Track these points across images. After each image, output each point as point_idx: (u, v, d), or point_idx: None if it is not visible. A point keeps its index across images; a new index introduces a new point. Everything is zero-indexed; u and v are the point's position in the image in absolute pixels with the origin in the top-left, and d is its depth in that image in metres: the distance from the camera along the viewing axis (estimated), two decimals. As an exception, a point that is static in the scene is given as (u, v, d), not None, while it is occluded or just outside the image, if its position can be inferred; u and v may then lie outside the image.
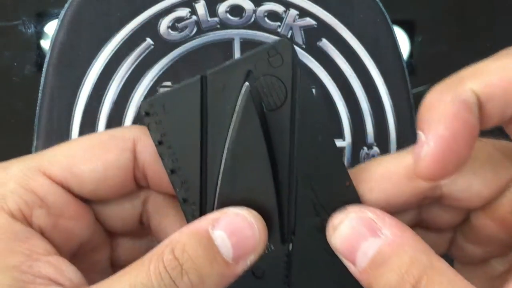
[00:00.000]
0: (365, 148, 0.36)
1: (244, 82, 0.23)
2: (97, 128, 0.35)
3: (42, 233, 0.23)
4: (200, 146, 0.23)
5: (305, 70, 0.36)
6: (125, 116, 0.35)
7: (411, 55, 0.41)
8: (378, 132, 0.36)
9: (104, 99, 0.35)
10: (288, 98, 0.23)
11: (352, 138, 0.36)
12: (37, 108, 0.34)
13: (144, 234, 0.27)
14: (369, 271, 0.20)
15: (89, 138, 0.25)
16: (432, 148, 0.20)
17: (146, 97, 0.35)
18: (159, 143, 0.23)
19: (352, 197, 0.23)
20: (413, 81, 0.37)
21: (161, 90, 0.35)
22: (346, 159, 0.36)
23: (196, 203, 0.23)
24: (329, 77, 0.36)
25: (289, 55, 0.23)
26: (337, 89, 0.36)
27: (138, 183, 0.25)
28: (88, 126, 0.34)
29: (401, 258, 0.20)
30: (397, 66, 0.37)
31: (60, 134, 0.34)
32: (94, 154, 0.24)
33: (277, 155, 0.23)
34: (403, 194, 0.23)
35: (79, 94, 0.35)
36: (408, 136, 0.36)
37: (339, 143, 0.36)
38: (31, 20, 0.38)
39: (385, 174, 0.23)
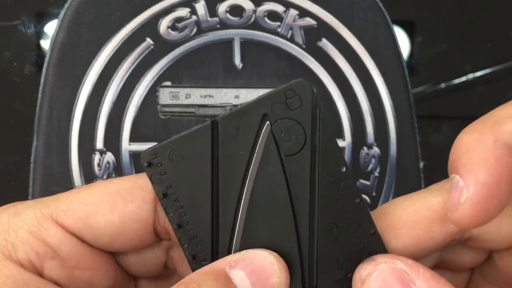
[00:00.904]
0: (365, 148, 0.36)
1: (260, 126, 0.21)
2: (97, 128, 0.35)
3: (57, 284, 0.22)
4: (211, 196, 0.21)
5: (305, 70, 0.36)
6: (125, 117, 0.35)
7: (411, 55, 0.41)
8: (378, 132, 0.36)
9: (104, 99, 0.35)
10: (307, 142, 0.21)
11: (352, 138, 0.36)
12: (37, 108, 0.34)
13: (170, 275, 0.26)
14: None
15: (109, 184, 0.23)
16: (473, 194, 0.18)
17: (146, 96, 0.35)
18: (163, 196, 0.21)
19: (378, 246, 0.22)
20: (413, 81, 0.37)
21: (161, 90, 0.35)
22: (346, 159, 0.36)
23: (208, 259, 0.21)
24: (329, 77, 0.36)
25: (308, 97, 0.21)
26: (337, 89, 0.36)
27: (158, 236, 0.23)
28: (88, 126, 0.34)
29: None
30: (397, 66, 0.37)
31: (60, 134, 0.34)
32: (112, 205, 0.22)
33: (297, 202, 0.22)
34: (432, 239, 0.21)
35: (79, 94, 0.35)
36: (408, 136, 0.36)
37: (339, 143, 0.36)
38: (31, 20, 0.38)
39: (413, 219, 0.21)
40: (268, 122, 0.21)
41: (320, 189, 0.22)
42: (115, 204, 0.22)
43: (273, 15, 0.36)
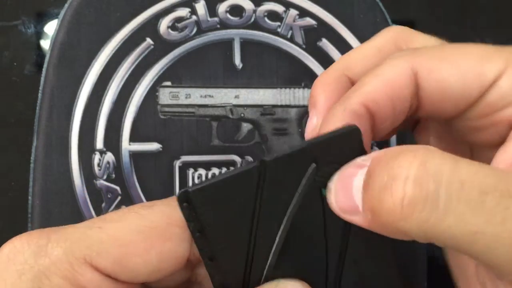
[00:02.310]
0: (365, 148, 0.36)
1: (307, 169, 0.21)
2: (97, 128, 0.35)
3: None
4: (249, 232, 0.21)
5: (305, 70, 0.36)
6: (125, 116, 0.35)
7: (411, 55, 0.41)
8: (378, 132, 0.36)
9: (104, 99, 0.35)
10: None
11: (352, 138, 0.36)
12: (37, 108, 0.34)
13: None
14: (365, 200, 0.20)
15: (141, 220, 0.21)
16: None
17: (146, 96, 0.35)
18: (199, 233, 0.21)
19: (399, 284, 0.23)
20: (413, 81, 0.37)
21: (161, 90, 0.35)
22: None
23: None
24: (329, 77, 0.36)
25: (357, 144, 0.22)
26: (337, 89, 0.36)
27: (190, 262, 0.23)
28: (88, 126, 0.34)
29: (390, 155, 0.20)
30: (397, 66, 0.37)
31: (60, 134, 0.34)
32: (148, 245, 0.21)
33: (330, 236, 0.22)
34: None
35: (79, 94, 0.35)
36: (408, 136, 0.36)
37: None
38: (31, 20, 0.38)
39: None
40: (314, 165, 0.21)
41: (353, 234, 0.22)
42: (152, 244, 0.21)
43: (273, 15, 0.36)
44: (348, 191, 0.21)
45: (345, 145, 0.22)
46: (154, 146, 0.35)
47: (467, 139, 0.26)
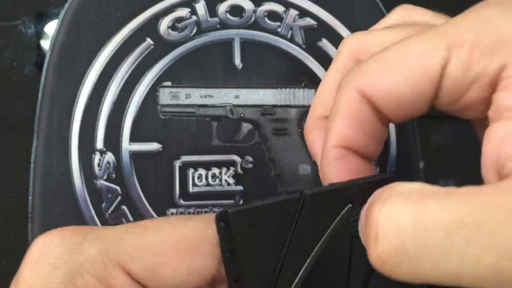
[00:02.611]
0: (365, 148, 0.36)
1: (343, 208, 0.22)
2: (97, 128, 0.35)
3: None
4: (277, 260, 0.21)
5: (305, 70, 0.36)
6: (125, 117, 0.35)
7: (411, 55, 0.41)
8: (378, 132, 0.36)
9: (104, 99, 0.35)
10: None
11: (352, 138, 0.36)
12: (37, 108, 0.35)
13: None
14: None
15: (176, 231, 0.22)
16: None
17: (146, 96, 0.35)
18: (229, 253, 0.21)
19: None
20: (413, 81, 0.37)
21: (161, 90, 0.35)
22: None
23: None
24: (329, 77, 0.36)
25: None
26: (337, 89, 0.36)
27: (215, 280, 0.23)
28: (88, 126, 0.34)
29: (372, 206, 0.19)
30: (397, 66, 0.37)
31: (60, 134, 0.34)
32: (180, 257, 0.21)
33: (353, 274, 0.23)
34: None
35: (79, 94, 0.35)
36: (408, 136, 0.36)
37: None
38: (31, 20, 0.38)
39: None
40: (350, 206, 0.22)
41: (375, 277, 0.23)
42: (184, 257, 0.21)
43: (273, 15, 0.37)
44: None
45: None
46: (154, 146, 0.35)
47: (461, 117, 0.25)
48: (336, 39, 0.37)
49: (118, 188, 0.34)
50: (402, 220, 0.18)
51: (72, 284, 0.20)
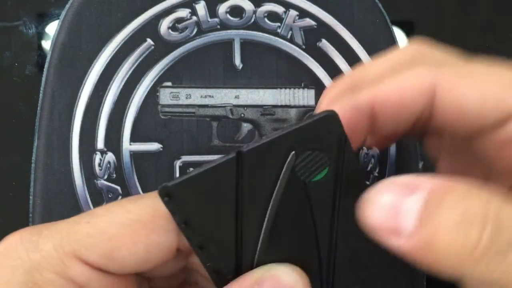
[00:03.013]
0: (364, 148, 0.36)
1: (285, 156, 0.22)
2: (98, 128, 0.35)
3: None
4: (234, 218, 0.21)
5: (305, 70, 0.36)
6: (126, 117, 0.35)
7: (410, 55, 0.41)
8: (378, 132, 0.37)
9: (105, 99, 0.35)
10: (332, 171, 0.22)
11: (351, 138, 0.36)
12: (38, 108, 0.35)
13: (185, 272, 0.26)
14: (420, 227, 0.19)
15: (126, 213, 0.22)
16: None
17: (146, 97, 0.35)
18: (185, 225, 0.21)
19: (395, 265, 0.23)
20: (412, 82, 0.37)
21: (162, 90, 0.35)
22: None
23: (231, 273, 0.22)
24: (328, 77, 0.36)
25: (336, 129, 0.22)
26: (336, 89, 0.36)
27: (180, 252, 0.23)
28: (89, 126, 0.35)
29: (456, 194, 0.18)
30: (396, 66, 0.37)
31: (61, 134, 0.34)
32: (135, 237, 0.21)
33: (318, 222, 0.23)
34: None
35: (80, 94, 0.35)
36: (409, 144, 0.37)
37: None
38: (32, 21, 0.38)
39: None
40: (293, 152, 0.22)
41: (341, 211, 0.23)
42: (138, 237, 0.21)
43: (273, 16, 0.37)
44: (393, 213, 0.19)
45: (323, 131, 0.22)
46: (154, 146, 0.35)
47: (483, 161, 0.25)
48: (336, 40, 0.37)
49: (118, 188, 0.34)
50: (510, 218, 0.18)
51: (31, 282, 0.20)
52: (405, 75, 0.23)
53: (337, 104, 0.23)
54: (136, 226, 0.22)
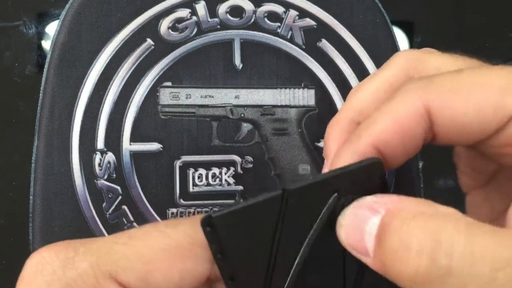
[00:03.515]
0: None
1: (328, 199, 0.22)
2: (98, 128, 0.35)
3: None
4: (269, 256, 0.22)
5: (305, 70, 0.36)
6: (126, 117, 0.35)
7: (410, 55, 0.41)
8: (378, 132, 0.37)
9: (105, 99, 0.35)
10: None
11: (351, 138, 0.36)
12: (38, 108, 0.35)
13: None
14: (378, 248, 0.20)
15: (165, 238, 0.22)
16: None
17: (146, 97, 0.35)
18: (220, 255, 0.21)
19: None
20: (412, 82, 0.37)
21: (162, 90, 0.35)
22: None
23: None
24: (328, 78, 0.36)
25: (379, 177, 0.22)
26: (336, 89, 0.36)
27: (211, 281, 0.24)
28: (89, 126, 0.35)
29: (403, 216, 0.20)
30: (396, 66, 0.37)
31: (61, 134, 0.34)
32: (171, 263, 0.22)
33: (347, 272, 0.23)
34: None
35: (80, 94, 0.35)
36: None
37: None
38: (32, 21, 0.38)
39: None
40: (336, 194, 0.22)
41: None
42: (174, 263, 0.22)
43: (273, 16, 0.37)
44: (359, 233, 0.21)
45: (366, 177, 0.22)
46: (154, 146, 0.35)
47: (493, 160, 0.25)
48: (336, 40, 0.37)
49: (118, 188, 0.34)
50: (449, 244, 0.18)
51: None
52: (398, 105, 0.23)
53: (342, 158, 0.24)
54: (174, 252, 0.22)
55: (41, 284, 0.21)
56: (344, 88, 0.36)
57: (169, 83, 0.36)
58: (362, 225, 0.21)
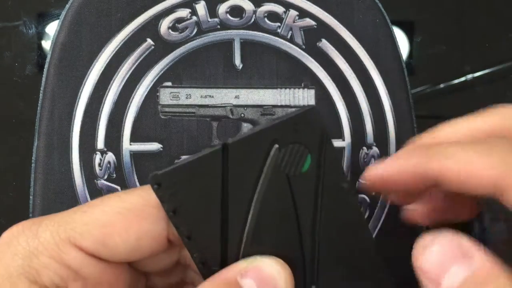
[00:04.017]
0: (364, 148, 0.36)
1: (269, 149, 0.23)
2: (98, 128, 0.35)
3: None
4: (220, 210, 0.22)
5: (305, 70, 0.36)
6: (126, 117, 0.35)
7: (410, 55, 0.41)
8: (378, 132, 0.37)
9: (105, 100, 0.35)
10: (313, 165, 0.23)
11: (351, 139, 0.36)
12: (38, 108, 0.35)
13: (182, 269, 0.27)
14: None
15: (120, 203, 0.23)
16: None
17: (146, 97, 0.35)
18: (173, 213, 0.22)
19: (375, 267, 0.24)
20: (412, 82, 0.38)
21: (162, 90, 0.35)
22: (345, 159, 0.36)
23: (217, 265, 0.23)
24: (328, 78, 0.36)
25: (317, 123, 0.23)
26: (336, 89, 0.36)
27: (171, 243, 0.24)
28: (89, 126, 0.35)
29: (495, 283, 0.20)
30: (396, 66, 0.37)
31: (61, 134, 0.34)
32: (127, 224, 0.23)
33: (301, 215, 0.23)
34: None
35: (80, 94, 0.35)
36: (407, 136, 0.37)
37: (338, 143, 0.36)
38: (32, 21, 0.38)
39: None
40: (277, 146, 0.23)
41: (323, 204, 0.24)
42: (130, 224, 0.23)
43: (273, 16, 0.37)
44: (442, 269, 0.21)
45: (305, 126, 0.23)
46: (154, 146, 0.35)
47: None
48: (336, 40, 0.37)
49: (118, 188, 0.34)
50: None
51: (28, 266, 0.22)
52: (477, 159, 0.22)
53: (407, 158, 0.24)
54: (128, 214, 0.23)
55: (8, 256, 0.22)
56: (344, 87, 0.36)
57: (169, 83, 0.36)
58: (450, 263, 0.21)
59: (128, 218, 0.23)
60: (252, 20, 0.37)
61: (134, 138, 0.35)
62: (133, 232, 0.23)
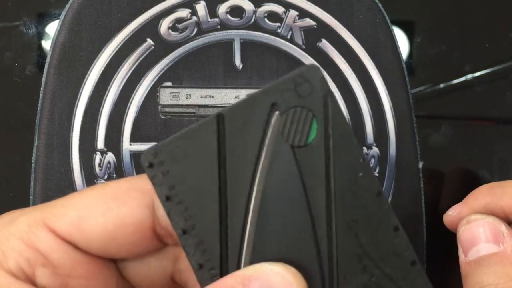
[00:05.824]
0: (364, 148, 0.36)
1: (269, 116, 0.19)
2: (98, 129, 0.35)
3: None
4: (218, 196, 0.19)
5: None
6: (126, 117, 0.35)
7: (410, 55, 0.41)
8: (378, 132, 0.37)
9: (105, 100, 0.35)
10: (320, 132, 0.20)
11: (351, 138, 0.36)
12: (38, 108, 0.35)
13: None
14: (472, 265, 0.23)
15: (104, 187, 0.21)
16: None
17: (146, 97, 0.35)
18: (166, 199, 0.19)
19: (403, 243, 0.20)
20: (412, 82, 0.38)
21: (162, 90, 0.35)
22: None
23: (216, 267, 0.19)
24: (328, 78, 0.36)
25: (319, 82, 0.20)
26: (336, 89, 0.36)
27: (162, 241, 0.22)
28: (89, 126, 0.35)
29: (503, 269, 0.23)
30: (396, 66, 0.37)
31: (61, 134, 0.34)
32: (105, 208, 0.21)
33: (312, 199, 0.20)
34: None
35: (80, 94, 0.35)
36: (407, 136, 0.37)
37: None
38: (32, 21, 0.38)
39: None
40: (277, 112, 0.20)
41: (336, 181, 0.20)
42: (108, 208, 0.21)
43: (273, 16, 0.37)
44: (471, 244, 0.24)
45: (307, 88, 0.20)
46: (154, 146, 0.35)
47: None
48: (336, 40, 0.37)
49: (118, 188, 0.34)
50: None
51: None
52: None
53: (478, 197, 0.26)
54: (108, 197, 0.21)
55: None
56: (344, 87, 0.36)
57: (169, 83, 0.36)
58: (480, 240, 0.24)
59: (107, 201, 0.21)
60: (252, 20, 0.36)
61: (134, 138, 0.35)
62: (111, 217, 0.20)
